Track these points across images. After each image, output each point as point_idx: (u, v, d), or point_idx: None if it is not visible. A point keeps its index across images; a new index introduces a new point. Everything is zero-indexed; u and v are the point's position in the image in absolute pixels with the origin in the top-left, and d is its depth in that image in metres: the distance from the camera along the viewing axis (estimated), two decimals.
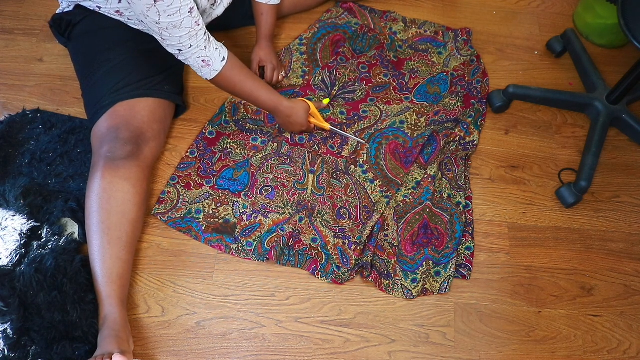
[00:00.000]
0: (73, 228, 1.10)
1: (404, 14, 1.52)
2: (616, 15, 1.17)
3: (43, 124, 1.27)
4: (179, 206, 1.18)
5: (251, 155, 1.25)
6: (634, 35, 1.05)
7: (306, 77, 1.38)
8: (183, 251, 1.14)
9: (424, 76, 1.41)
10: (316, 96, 1.35)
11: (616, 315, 1.11)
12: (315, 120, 1.26)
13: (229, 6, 1.28)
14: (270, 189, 1.20)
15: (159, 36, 1.00)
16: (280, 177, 1.22)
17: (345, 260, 1.12)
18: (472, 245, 1.16)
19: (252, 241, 1.14)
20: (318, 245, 1.14)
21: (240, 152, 1.25)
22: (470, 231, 1.18)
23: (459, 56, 1.44)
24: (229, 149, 1.26)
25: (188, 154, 1.24)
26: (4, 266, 0.99)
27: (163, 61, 1.18)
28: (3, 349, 0.92)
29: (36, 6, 1.51)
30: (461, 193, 1.22)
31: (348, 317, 1.08)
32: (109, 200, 1.02)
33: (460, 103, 1.35)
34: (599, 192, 1.26)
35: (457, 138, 1.29)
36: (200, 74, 1.09)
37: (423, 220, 1.17)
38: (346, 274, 1.10)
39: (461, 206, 1.20)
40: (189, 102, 1.34)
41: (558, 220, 1.22)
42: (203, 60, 1.04)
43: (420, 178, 1.23)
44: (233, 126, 1.29)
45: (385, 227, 1.17)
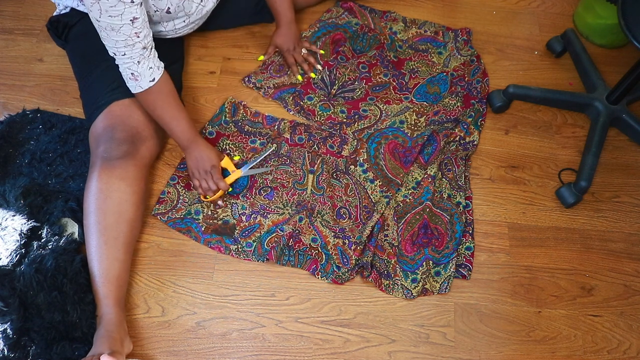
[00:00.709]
0: (73, 228, 1.10)
1: (404, 14, 1.52)
2: (616, 15, 1.17)
3: (43, 124, 1.27)
4: (179, 206, 1.18)
5: (250, 157, 1.25)
6: (634, 35, 1.05)
7: (306, 76, 1.38)
8: (183, 251, 1.14)
9: (424, 76, 1.41)
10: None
11: (616, 315, 1.11)
12: (229, 177, 1.18)
13: (222, 5, 1.28)
14: (269, 190, 1.20)
15: (100, 35, 1.00)
16: (279, 178, 1.22)
17: (345, 260, 1.12)
18: (472, 245, 1.16)
19: (252, 242, 1.14)
20: (318, 245, 1.14)
21: (237, 154, 1.25)
22: (470, 231, 1.18)
23: (459, 56, 1.44)
24: (228, 150, 1.26)
25: None
26: (4, 266, 0.99)
27: (161, 60, 1.18)
28: (3, 349, 0.92)
29: (36, 6, 1.51)
30: (461, 193, 1.22)
31: (348, 317, 1.08)
32: (105, 200, 1.02)
33: (460, 103, 1.35)
34: (599, 192, 1.26)
35: (457, 138, 1.29)
36: (127, 84, 1.07)
37: (423, 220, 1.17)
38: (346, 274, 1.10)
39: (461, 206, 1.20)
40: (189, 102, 1.34)
41: (558, 220, 1.22)
42: (132, 73, 1.03)
43: (420, 178, 1.23)
44: (232, 127, 1.29)
45: (385, 227, 1.17)
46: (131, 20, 0.96)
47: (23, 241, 1.03)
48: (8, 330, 0.93)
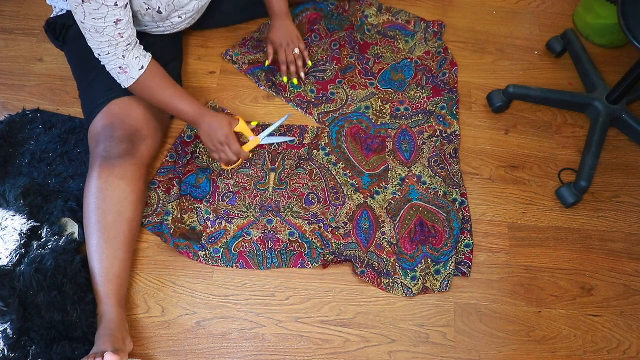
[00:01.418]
0: (73, 228, 1.10)
1: None
2: (616, 15, 1.17)
3: (43, 124, 1.27)
4: (159, 211, 1.17)
5: (212, 162, 1.24)
6: (634, 35, 1.05)
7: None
8: None
9: (388, 62, 1.42)
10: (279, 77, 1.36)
11: (616, 315, 1.11)
12: (248, 144, 1.17)
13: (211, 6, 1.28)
14: (231, 195, 1.19)
15: (85, 35, 1.00)
16: (241, 182, 1.21)
17: (326, 243, 1.13)
18: (471, 242, 1.16)
19: (219, 248, 1.13)
20: (297, 237, 1.14)
21: (205, 160, 1.24)
22: (468, 228, 1.18)
23: (426, 46, 1.45)
24: (198, 154, 1.25)
25: (168, 158, 1.24)
26: (4, 266, 0.99)
27: (159, 60, 1.17)
28: (3, 349, 0.92)
29: (36, 6, 1.51)
30: (457, 190, 1.22)
31: (348, 317, 1.08)
32: (105, 199, 1.02)
33: (426, 95, 1.36)
34: (599, 192, 1.26)
35: (437, 133, 1.29)
36: (118, 81, 1.07)
37: (418, 217, 1.18)
38: (331, 256, 1.11)
39: (457, 203, 1.20)
40: None
41: (558, 220, 1.22)
42: (120, 67, 1.03)
43: (404, 175, 1.24)
44: None
45: (381, 225, 1.17)
46: (114, 22, 0.97)
47: (23, 241, 1.03)
48: (8, 330, 0.93)
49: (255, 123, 1.21)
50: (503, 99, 1.34)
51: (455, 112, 1.33)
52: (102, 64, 1.05)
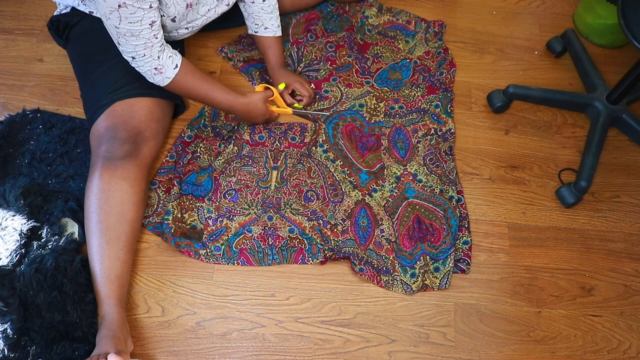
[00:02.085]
0: (73, 228, 1.10)
1: None
2: (616, 15, 1.17)
3: (43, 124, 1.27)
4: (159, 210, 1.17)
5: (214, 160, 1.24)
6: (634, 35, 1.05)
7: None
8: None
9: (387, 61, 1.43)
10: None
11: (616, 315, 1.11)
12: (277, 109, 1.28)
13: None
14: (233, 192, 1.19)
15: (116, 40, 1.01)
16: (243, 179, 1.21)
17: (325, 240, 1.13)
18: (469, 239, 1.16)
19: (220, 245, 1.13)
20: (297, 234, 1.15)
21: (207, 158, 1.24)
22: (466, 225, 1.18)
23: (426, 46, 1.45)
24: (198, 153, 1.25)
25: (167, 158, 1.24)
26: (4, 266, 0.99)
27: None
28: (3, 349, 0.92)
29: (36, 6, 1.51)
30: (453, 187, 1.22)
31: (348, 317, 1.08)
32: (107, 200, 1.02)
33: (420, 93, 1.36)
34: (599, 192, 1.26)
35: (432, 131, 1.29)
36: (153, 82, 1.08)
37: (415, 215, 1.18)
38: (330, 252, 1.11)
39: (454, 200, 1.20)
40: (189, 102, 1.34)
41: (558, 220, 1.22)
42: (155, 68, 1.05)
43: (399, 173, 1.24)
44: (210, 131, 1.28)
45: (379, 222, 1.17)
46: (150, 24, 0.98)
47: (23, 241, 1.03)
48: (8, 330, 0.93)
49: (282, 86, 1.29)
50: (503, 99, 1.34)
51: (449, 110, 1.34)
52: (136, 67, 1.05)
